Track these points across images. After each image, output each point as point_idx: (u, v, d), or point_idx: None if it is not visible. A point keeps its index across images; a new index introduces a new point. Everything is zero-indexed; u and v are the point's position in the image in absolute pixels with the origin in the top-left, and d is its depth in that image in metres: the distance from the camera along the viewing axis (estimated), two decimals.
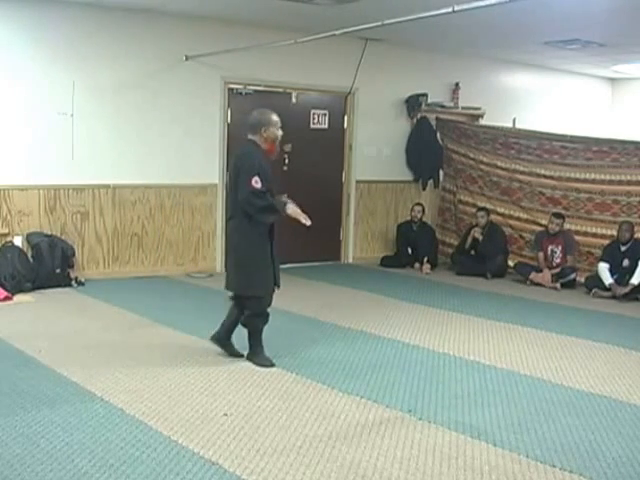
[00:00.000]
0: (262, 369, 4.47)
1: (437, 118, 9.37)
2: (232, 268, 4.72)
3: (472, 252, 8.40)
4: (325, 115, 8.68)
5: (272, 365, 4.54)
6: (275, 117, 4.61)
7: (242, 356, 4.69)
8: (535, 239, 8.13)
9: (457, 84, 9.45)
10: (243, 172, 4.45)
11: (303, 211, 4.55)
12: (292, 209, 4.51)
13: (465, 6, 4.69)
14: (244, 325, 4.67)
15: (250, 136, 4.59)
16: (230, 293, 4.75)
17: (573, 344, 5.34)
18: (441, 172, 9.48)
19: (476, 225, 8.39)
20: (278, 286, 4.65)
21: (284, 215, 4.50)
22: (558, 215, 7.83)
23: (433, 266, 8.54)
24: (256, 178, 4.40)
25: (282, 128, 4.69)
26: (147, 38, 7.35)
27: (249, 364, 4.56)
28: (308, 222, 4.45)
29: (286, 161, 8.32)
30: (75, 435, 3.37)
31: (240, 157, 4.59)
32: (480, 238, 8.30)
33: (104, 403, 3.81)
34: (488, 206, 8.67)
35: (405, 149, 9.25)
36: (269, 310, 4.66)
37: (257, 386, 4.15)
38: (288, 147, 8.20)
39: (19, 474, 2.95)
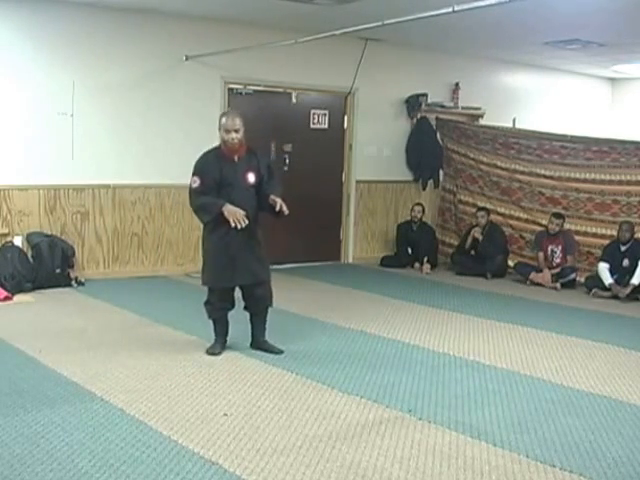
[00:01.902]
0: (262, 369, 4.47)
1: (437, 118, 9.37)
2: None
3: (472, 252, 8.40)
4: (325, 115, 8.67)
5: (213, 354, 4.67)
6: (224, 119, 4.56)
7: (281, 352, 4.77)
8: (535, 239, 8.13)
9: (457, 84, 9.45)
10: None
11: (301, 211, 4.55)
12: (228, 209, 4.41)
13: (465, 6, 4.69)
14: None
15: None
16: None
17: (573, 344, 5.34)
18: (441, 172, 9.48)
19: (476, 225, 8.39)
20: (230, 285, 4.69)
21: (218, 213, 4.43)
22: (558, 215, 7.83)
23: (433, 266, 8.54)
24: (194, 178, 4.56)
25: (282, 128, 4.70)
26: (147, 38, 7.36)
27: (249, 364, 4.56)
28: (239, 225, 4.39)
29: (286, 161, 8.30)
30: (75, 435, 3.37)
31: None
32: (480, 238, 8.29)
33: (104, 403, 3.81)
34: (488, 206, 8.67)
35: (405, 149, 9.24)
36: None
37: (257, 386, 4.15)
38: (288, 147, 8.19)
39: (19, 474, 2.95)
